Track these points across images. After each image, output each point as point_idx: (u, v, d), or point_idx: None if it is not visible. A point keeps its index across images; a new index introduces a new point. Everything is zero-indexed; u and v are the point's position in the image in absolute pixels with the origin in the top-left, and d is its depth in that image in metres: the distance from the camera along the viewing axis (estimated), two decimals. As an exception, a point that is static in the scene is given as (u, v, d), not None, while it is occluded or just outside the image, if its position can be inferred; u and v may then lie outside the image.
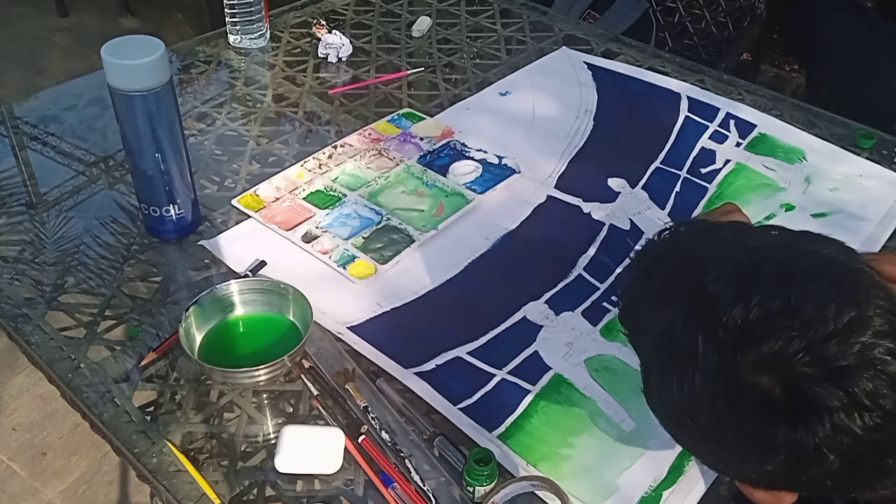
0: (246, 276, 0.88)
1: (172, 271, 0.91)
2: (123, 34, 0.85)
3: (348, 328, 0.83)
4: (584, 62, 1.32)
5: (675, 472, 0.71)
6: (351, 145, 1.10)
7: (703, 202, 1.03)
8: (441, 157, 1.08)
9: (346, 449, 0.71)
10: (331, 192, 1.01)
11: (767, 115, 1.19)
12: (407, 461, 0.70)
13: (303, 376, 0.78)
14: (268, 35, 1.35)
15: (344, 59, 1.32)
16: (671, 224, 0.66)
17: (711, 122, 1.18)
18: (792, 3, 2.11)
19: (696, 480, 0.71)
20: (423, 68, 1.30)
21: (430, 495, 0.68)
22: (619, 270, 0.92)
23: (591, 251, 0.95)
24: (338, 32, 1.33)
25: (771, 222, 1.00)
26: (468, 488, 0.68)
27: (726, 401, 0.53)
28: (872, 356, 0.50)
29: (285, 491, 0.70)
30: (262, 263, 0.90)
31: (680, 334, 0.56)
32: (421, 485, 0.69)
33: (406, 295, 0.88)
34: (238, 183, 1.04)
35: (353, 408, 0.75)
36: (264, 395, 0.78)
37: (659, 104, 1.22)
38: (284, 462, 0.69)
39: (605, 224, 0.99)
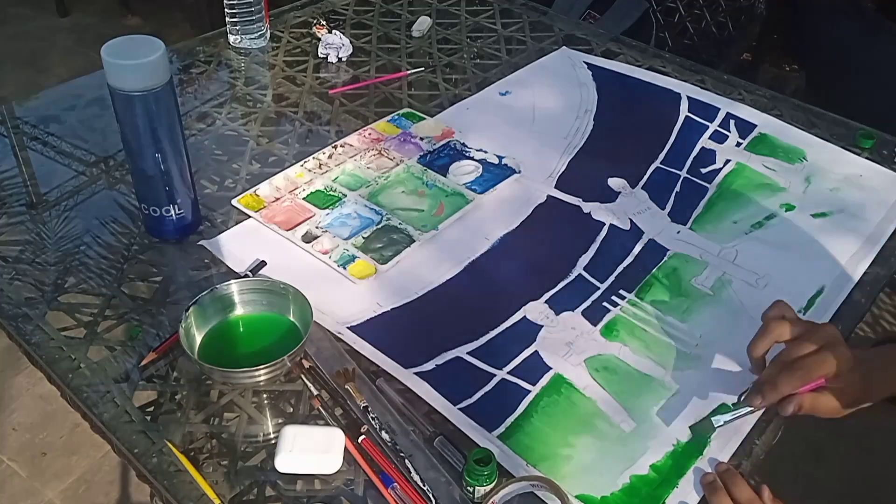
0: (246, 276, 0.88)
1: (172, 271, 0.91)
2: (124, 34, 0.85)
3: (348, 328, 0.83)
4: (584, 62, 1.32)
5: (676, 472, 0.72)
6: (351, 145, 1.10)
7: (703, 202, 1.03)
8: (441, 157, 1.08)
9: (346, 449, 0.71)
10: (331, 192, 1.01)
11: (767, 115, 1.19)
12: (407, 461, 0.70)
13: (303, 376, 0.78)
14: (268, 35, 1.35)
15: (344, 59, 1.32)
16: None
17: (711, 122, 1.18)
18: (792, 3, 2.11)
19: (696, 481, 0.71)
20: (423, 68, 1.30)
21: (430, 495, 0.68)
22: (619, 270, 0.92)
23: (591, 251, 0.95)
24: (338, 32, 1.33)
25: (771, 222, 1.00)
26: (468, 488, 0.68)
27: None
28: None
29: (285, 491, 0.70)
30: (262, 263, 0.90)
31: None
32: (421, 485, 0.69)
33: (406, 295, 0.88)
34: (238, 183, 1.04)
35: (353, 408, 0.75)
36: (264, 395, 0.78)
37: (659, 104, 1.22)
38: (284, 462, 0.69)
39: (605, 224, 0.99)
